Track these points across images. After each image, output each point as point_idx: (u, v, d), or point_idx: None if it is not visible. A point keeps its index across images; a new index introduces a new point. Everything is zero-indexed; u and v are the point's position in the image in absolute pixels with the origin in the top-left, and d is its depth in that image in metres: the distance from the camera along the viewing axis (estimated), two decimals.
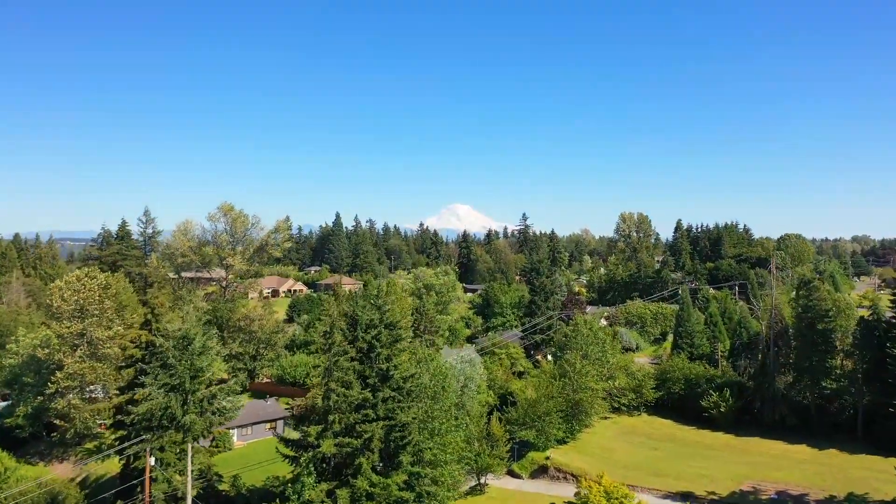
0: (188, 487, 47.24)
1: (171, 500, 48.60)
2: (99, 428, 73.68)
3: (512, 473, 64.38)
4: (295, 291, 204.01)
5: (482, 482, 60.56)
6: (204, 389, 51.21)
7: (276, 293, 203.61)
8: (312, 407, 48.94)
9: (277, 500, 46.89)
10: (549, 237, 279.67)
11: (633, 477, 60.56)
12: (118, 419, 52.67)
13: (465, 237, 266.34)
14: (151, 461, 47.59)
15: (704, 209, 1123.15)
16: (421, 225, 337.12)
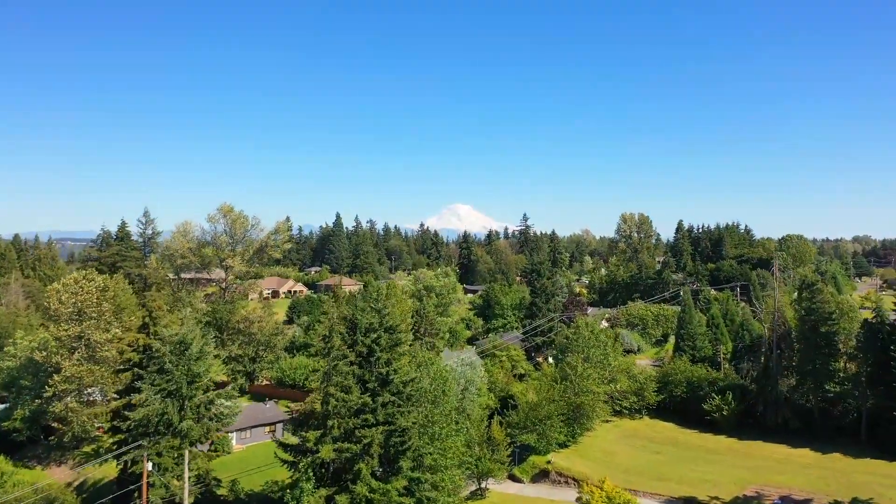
0: (185, 493, 46.78)
1: None
2: (97, 431, 73.19)
3: (513, 478, 63.88)
4: (295, 292, 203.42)
5: (483, 487, 60.02)
6: (201, 395, 50.66)
7: (276, 294, 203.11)
8: (311, 412, 48.38)
9: None
10: (549, 238, 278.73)
11: (635, 481, 60.16)
12: (115, 424, 52.21)
13: (465, 238, 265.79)
14: (149, 466, 47.14)
15: (705, 209, 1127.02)
16: (422, 225, 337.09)
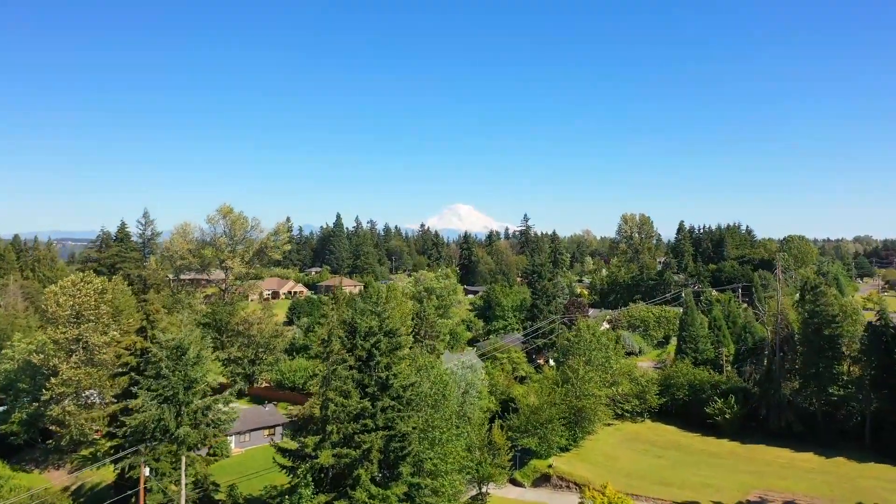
0: (182, 498, 46.26)
1: None
2: (95, 434, 72.64)
3: (514, 482, 63.34)
4: (295, 293, 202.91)
5: (483, 491, 59.38)
6: (198, 401, 50.12)
7: (276, 295, 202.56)
8: (310, 416, 47.82)
9: None
10: (550, 238, 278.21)
11: (637, 486, 59.64)
12: (111, 430, 51.68)
13: (466, 238, 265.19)
14: (146, 471, 46.64)
15: (705, 209, 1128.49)
16: (422, 225, 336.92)
